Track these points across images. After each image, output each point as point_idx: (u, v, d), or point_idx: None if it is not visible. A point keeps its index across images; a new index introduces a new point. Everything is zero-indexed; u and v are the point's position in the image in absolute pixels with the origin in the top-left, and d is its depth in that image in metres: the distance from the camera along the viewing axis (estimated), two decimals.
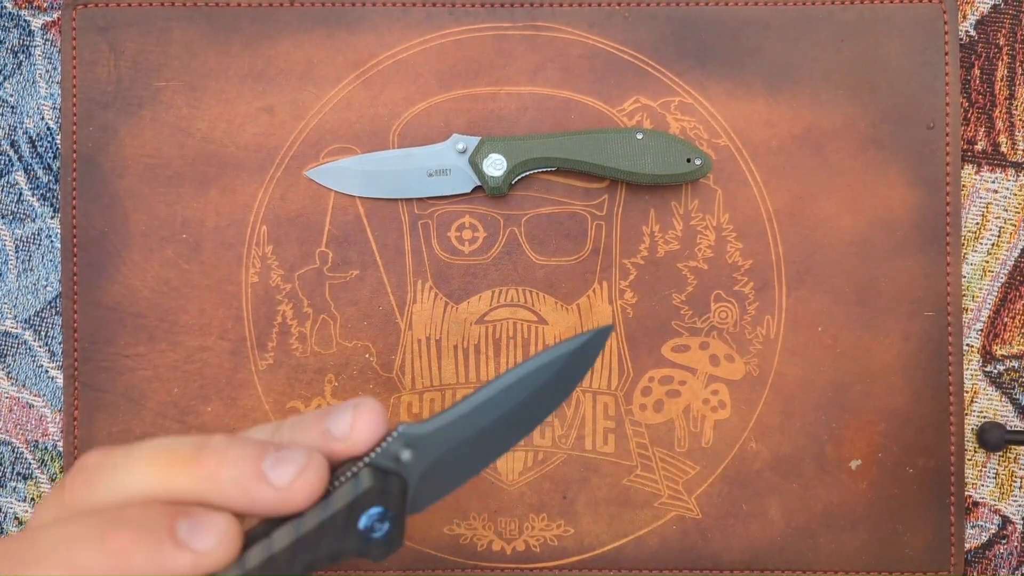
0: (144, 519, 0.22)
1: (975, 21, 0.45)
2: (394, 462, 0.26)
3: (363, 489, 0.25)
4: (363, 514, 0.26)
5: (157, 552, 0.22)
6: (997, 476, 0.45)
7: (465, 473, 0.28)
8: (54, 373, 0.45)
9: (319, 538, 0.25)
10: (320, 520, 0.25)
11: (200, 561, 0.22)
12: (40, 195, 0.45)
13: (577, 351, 0.29)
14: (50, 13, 0.45)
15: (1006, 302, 0.45)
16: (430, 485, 0.27)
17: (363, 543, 0.26)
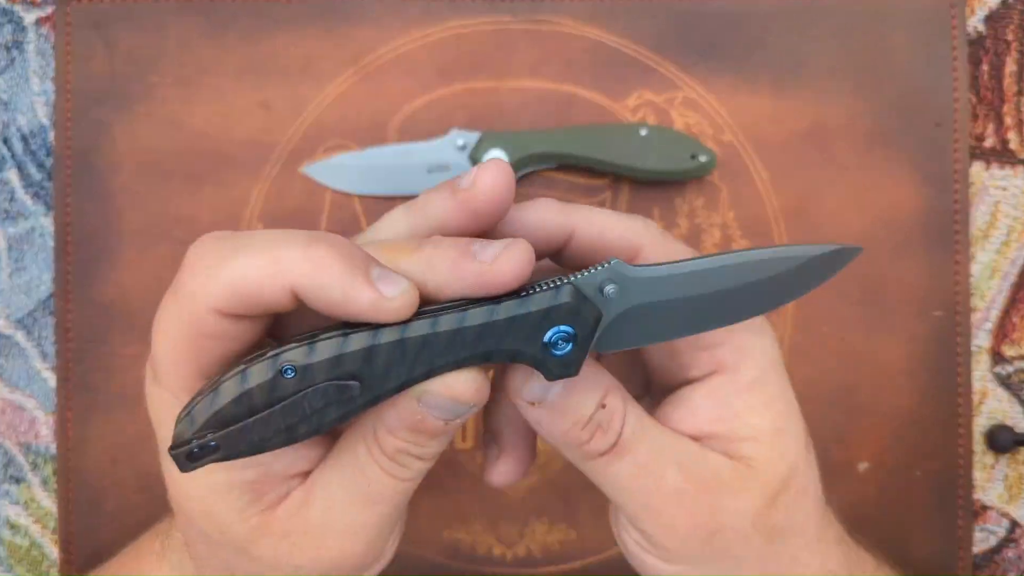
0: (350, 249, 0.25)
1: (984, 16, 0.45)
2: (597, 291, 0.26)
3: (560, 302, 0.26)
4: (553, 326, 0.26)
5: (349, 275, 0.24)
6: (1006, 479, 0.44)
7: (660, 333, 0.27)
8: (46, 374, 0.45)
9: (507, 331, 0.25)
10: (512, 314, 0.25)
11: (379, 303, 0.24)
12: (33, 193, 0.45)
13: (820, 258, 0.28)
14: (43, 8, 0.45)
15: (1015, 302, 0.44)
16: (623, 330, 0.27)
17: (544, 354, 0.26)
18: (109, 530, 0.44)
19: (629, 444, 0.28)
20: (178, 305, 0.26)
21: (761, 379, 0.29)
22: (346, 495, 0.28)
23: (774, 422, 0.29)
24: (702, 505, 0.28)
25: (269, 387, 0.25)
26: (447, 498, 0.44)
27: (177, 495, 0.29)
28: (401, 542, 0.44)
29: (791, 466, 0.29)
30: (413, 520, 0.44)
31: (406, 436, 0.27)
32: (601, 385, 0.27)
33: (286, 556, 0.29)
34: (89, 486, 0.44)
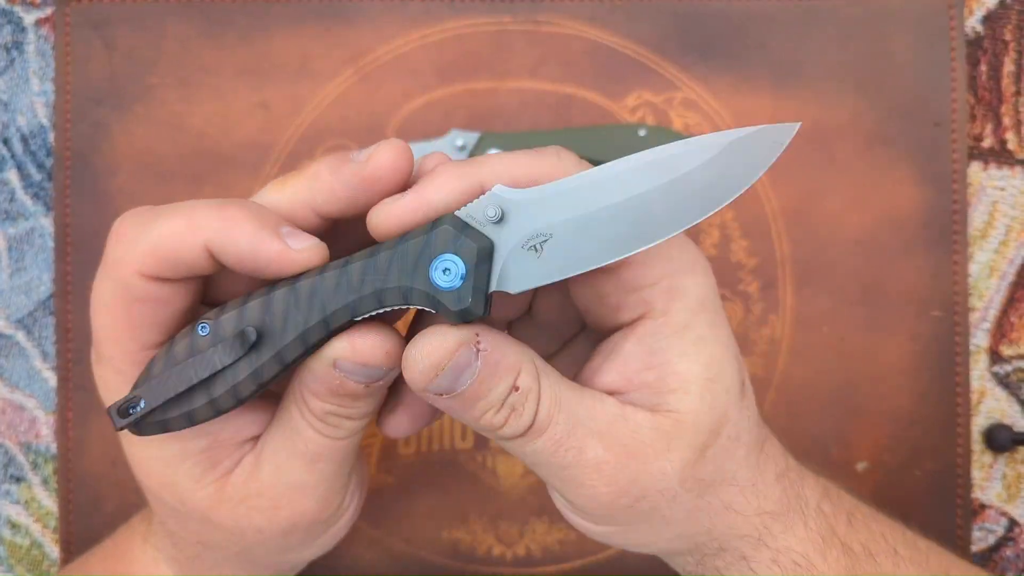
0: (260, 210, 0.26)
1: (982, 16, 0.45)
2: (480, 221, 0.25)
3: (438, 228, 0.25)
4: (435, 256, 0.25)
5: (259, 231, 0.25)
6: (1004, 478, 0.44)
7: (573, 262, 0.25)
8: (47, 374, 0.45)
9: (389, 267, 0.25)
10: (392, 248, 0.25)
11: (285, 254, 0.26)
12: (33, 193, 0.45)
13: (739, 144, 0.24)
14: (43, 9, 0.45)
15: (1014, 301, 0.44)
16: (527, 263, 0.25)
17: (433, 288, 0.25)
18: (109, 530, 0.43)
19: (544, 423, 0.27)
20: (107, 275, 0.27)
21: (691, 322, 0.28)
22: (288, 456, 0.29)
23: (705, 370, 0.28)
24: (625, 473, 0.27)
25: (189, 345, 0.26)
26: (447, 498, 0.44)
27: (139, 473, 0.30)
28: (401, 541, 0.44)
29: (721, 416, 0.28)
30: (413, 520, 0.44)
31: (330, 399, 0.28)
32: (512, 367, 0.26)
33: (246, 519, 0.29)
34: (89, 486, 0.44)
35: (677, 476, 0.28)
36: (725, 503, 0.29)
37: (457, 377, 0.26)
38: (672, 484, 0.28)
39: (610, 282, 0.27)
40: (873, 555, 0.31)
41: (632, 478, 0.27)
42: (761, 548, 0.30)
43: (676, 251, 0.28)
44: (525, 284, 0.25)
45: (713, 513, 0.29)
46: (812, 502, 0.31)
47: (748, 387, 0.30)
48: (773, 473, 0.30)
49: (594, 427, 0.27)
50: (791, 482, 0.31)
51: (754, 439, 0.30)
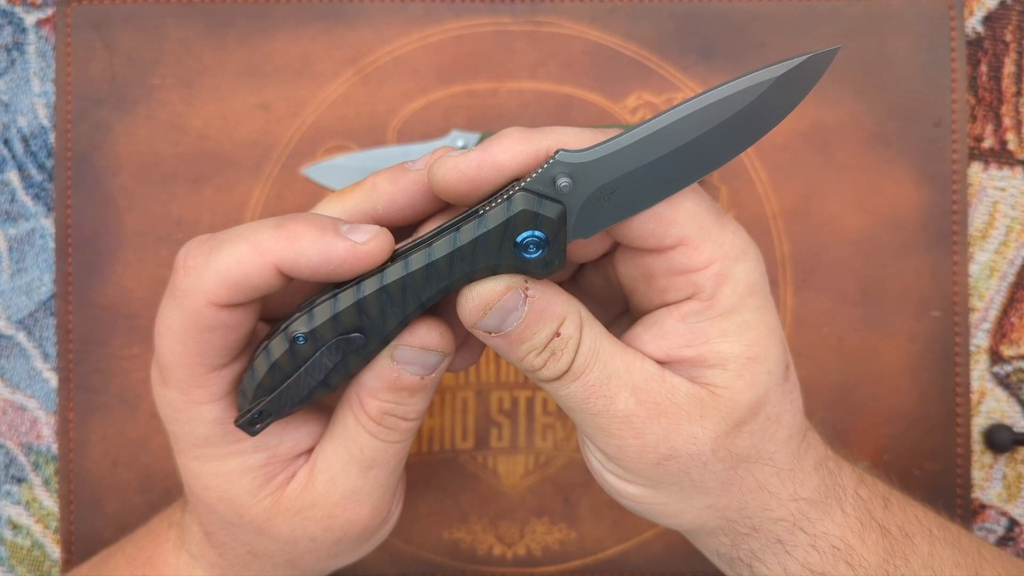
0: (316, 217, 0.27)
1: (982, 17, 0.45)
2: (551, 187, 0.26)
3: (515, 211, 0.26)
4: (518, 236, 0.26)
5: (322, 236, 0.26)
6: (1004, 478, 0.44)
7: (642, 201, 0.27)
8: (48, 375, 0.45)
9: (474, 253, 0.26)
10: (473, 237, 0.26)
11: (356, 249, 0.26)
12: (34, 194, 0.45)
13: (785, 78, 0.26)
14: (44, 10, 0.45)
15: (1014, 302, 0.44)
16: (596, 211, 0.27)
17: (520, 261, 0.26)
18: (110, 531, 0.44)
19: (580, 369, 0.28)
20: (177, 305, 0.27)
21: (738, 306, 0.28)
22: (343, 465, 0.30)
23: (747, 350, 0.28)
24: (654, 429, 0.28)
25: (290, 355, 0.28)
26: (447, 498, 0.44)
27: (195, 486, 0.31)
28: (401, 542, 0.44)
29: (760, 395, 0.28)
30: (413, 520, 0.44)
31: (387, 396, 0.29)
32: (557, 315, 0.28)
33: (300, 530, 0.30)
34: (90, 487, 0.44)
35: (709, 444, 0.28)
36: (760, 482, 0.29)
37: (504, 318, 0.27)
38: (703, 450, 0.28)
39: (660, 263, 0.28)
40: (910, 536, 0.31)
41: (661, 435, 0.28)
42: (797, 533, 0.30)
43: (728, 236, 0.28)
44: (595, 228, 0.27)
45: (747, 489, 0.29)
46: (849, 488, 0.31)
47: (793, 374, 0.30)
48: (812, 461, 0.31)
49: (629, 380, 0.28)
50: (829, 471, 0.31)
51: (797, 425, 0.30)
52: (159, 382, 0.30)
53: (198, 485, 0.30)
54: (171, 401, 0.29)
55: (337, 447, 0.30)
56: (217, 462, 0.30)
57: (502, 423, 0.44)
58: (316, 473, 0.30)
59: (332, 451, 0.30)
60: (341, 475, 0.30)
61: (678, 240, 0.27)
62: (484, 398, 0.44)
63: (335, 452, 0.30)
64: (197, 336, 0.28)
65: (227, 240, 0.27)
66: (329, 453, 0.30)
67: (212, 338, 0.28)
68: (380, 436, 0.30)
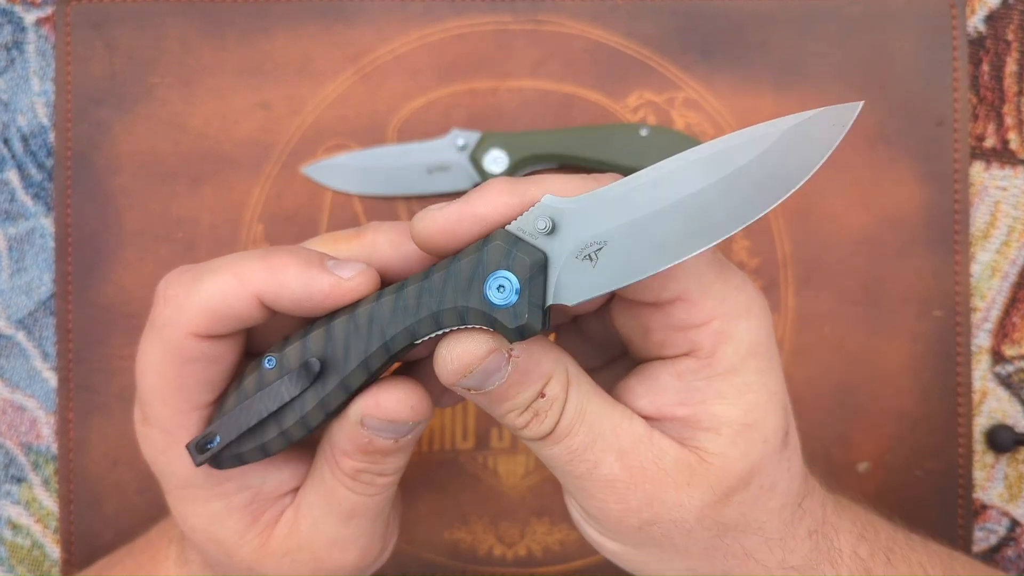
0: (302, 251, 0.27)
1: (984, 16, 0.44)
2: (531, 233, 0.25)
3: (490, 245, 0.25)
4: (488, 274, 0.25)
5: (306, 270, 0.26)
6: (1006, 478, 0.44)
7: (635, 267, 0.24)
8: (47, 374, 0.45)
9: (444, 288, 0.25)
10: (445, 268, 0.25)
11: (340, 285, 0.26)
12: (33, 193, 0.45)
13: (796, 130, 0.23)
14: (43, 8, 0.45)
15: (1016, 302, 0.44)
16: (582, 273, 0.24)
17: (488, 307, 0.25)
18: (110, 531, 0.44)
19: (563, 432, 0.27)
20: (158, 337, 0.27)
21: (739, 367, 0.26)
22: (324, 513, 0.29)
23: (744, 415, 0.27)
24: (637, 495, 0.27)
25: (257, 379, 0.27)
26: (448, 498, 0.44)
27: (184, 527, 0.30)
28: (401, 542, 0.44)
29: (754, 465, 0.27)
30: (414, 520, 0.44)
31: (360, 458, 0.28)
32: (542, 375, 0.26)
33: (290, 571, 0.30)
34: (90, 487, 0.44)
35: (695, 512, 0.27)
36: (747, 550, 0.28)
37: (486, 379, 0.26)
38: (688, 518, 0.27)
39: (657, 318, 0.27)
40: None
41: (645, 501, 0.27)
42: None
43: (731, 292, 0.27)
44: (581, 295, 0.25)
45: (732, 556, 0.28)
46: (847, 551, 0.30)
47: (793, 439, 0.29)
48: (806, 529, 0.29)
49: (615, 444, 0.27)
50: (824, 536, 0.30)
51: (793, 493, 0.29)
52: (141, 420, 0.29)
53: (186, 526, 0.30)
54: (154, 441, 0.29)
55: (317, 496, 0.29)
56: (202, 504, 0.29)
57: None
58: (300, 517, 0.30)
59: (313, 499, 0.30)
60: (323, 522, 0.30)
61: (676, 295, 0.26)
62: None
63: (315, 500, 0.30)
64: (178, 369, 0.27)
65: (209, 271, 0.27)
66: (311, 500, 0.30)
67: (193, 371, 0.27)
68: (357, 491, 0.29)
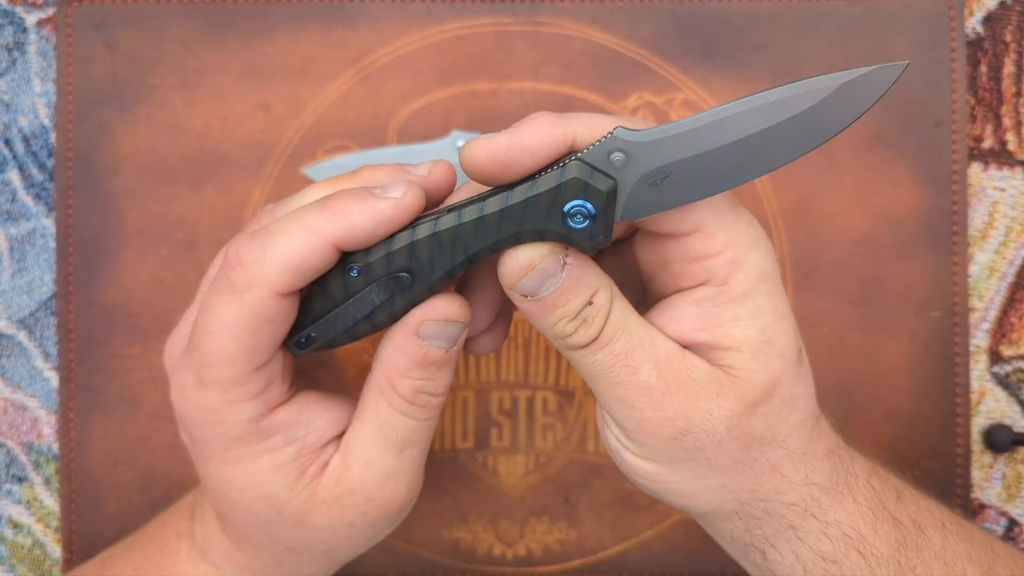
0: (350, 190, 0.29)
1: (982, 17, 0.45)
2: (605, 161, 0.27)
3: (568, 178, 0.27)
4: (567, 203, 0.27)
5: (365, 202, 0.28)
6: (1004, 478, 0.44)
7: (693, 192, 0.27)
8: (49, 374, 0.45)
9: (524, 214, 0.27)
10: (524, 197, 0.27)
11: (399, 204, 0.28)
12: (34, 194, 0.45)
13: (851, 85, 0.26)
14: (45, 10, 0.45)
15: (1013, 302, 0.44)
16: (647, 194, 0.27)
17: (566, 230, 0.27)
18: (111, 530, 0.44)
19: (608, 337, 0.29)
20: (238, 300, 0.28)
21: (750, 292, 0.29)
22: (378, 448, 0.31)
23: (760, 333, 0.29)
24: (673, 402, 0.29)
25: (342, 285, 0.29)
26: (447, 497, 0.44)
27: (229, 491, 0.31)
28: (401, 541, 0.44)
29: (774, 378, 0.29)
30: (413, 519, 0.44)
31: (417, 373, 0.30)
32: (591, 285, 0.29)
33: (340, 518, 0.31)
34: (91, 486, 0.44)
35: (724, 422, 0.29)
36: (772, 464, 0.30)
37: (543, 282, 0.28)
38: (719, 427, 0.29)
39: (676, 249, 0.29)
40: (922, 528, 0.32)
41: (679, 409, 0.29)
42: (809, 519, 0.30)
43: (743, 225, 0.29)
44: (645, 213, 0.28)
45: (759, 471, 0.30)
46: (862, 478, 0.32)
47: (805, 359, 0.31)
48: (824, 447, 0.31)
49: (652, 353, 0.29)
50: (841, 459, 0.32)
51: (810, 410, 0.31)
52: (194, 384, 0.30)
53: (232, 489, 0.31)
54: (206, 403, 0.30)
55: (370, 432, 0.31)
56: (250, 462, 0.30)
57: (502, 423, 0.44)
58: (350, 460, 0.31)
59: (366, 437, 0.31)
60: (378, 459, 0.31)
61: (694, 227, 0.28)
62: (484, 398, 0.44)
63: (369, 438, 0.31)
64: (256, 329, 0.29)
65: (280, 231, 0.28)
66: (363, 439, 0.31)
67: (269, 331, 0.29)
68: (414, 415, 0.31)
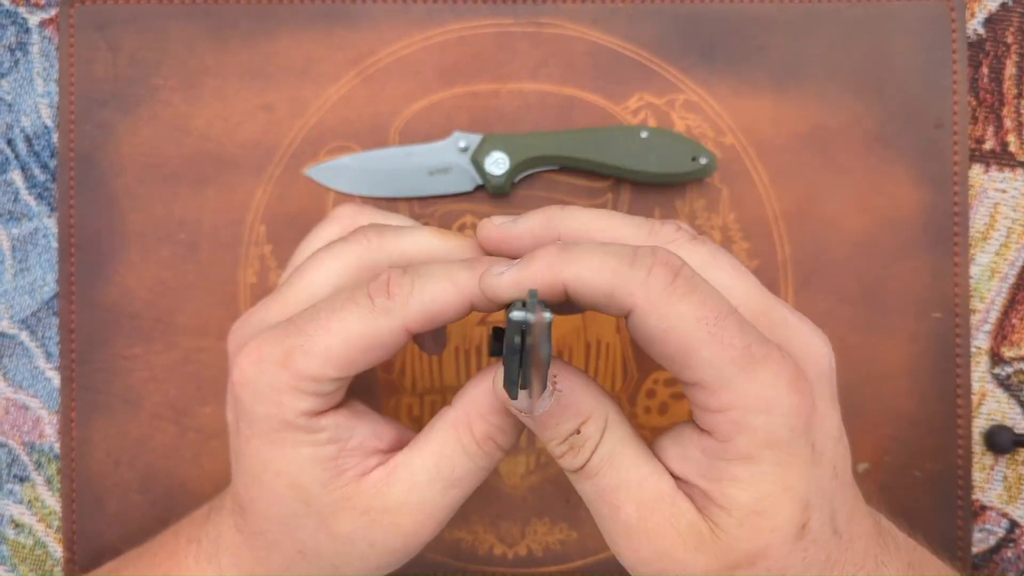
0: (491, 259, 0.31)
1: (983, 19, 0.45)
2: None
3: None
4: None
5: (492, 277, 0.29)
6: (1005, 479, 0.44)
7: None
8: (51, 374, 0.45)
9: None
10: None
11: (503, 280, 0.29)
12: (37, 194, 0.45)
13: None
14: (47, 10, 0.45)
15: (1015, 304, 0.44)
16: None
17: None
18: (112, 530, 0.44)
19: (593, 471, 0.29)
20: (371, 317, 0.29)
21: (755, 457, 0.27)
22: (429, 478, 0.31)
23: (754, 503, 0.27)
24: (650, 548, 0.29)
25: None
26: None
27: (265, 473, 0.31)
28: None
29: (760, 549, 0.27)
30: None
31: (496, 420, 0.30)
32: (581, 413, 0.29)
33: (363, 531, 0.31)
34: (93, 486, 0.44)
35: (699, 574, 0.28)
36: None
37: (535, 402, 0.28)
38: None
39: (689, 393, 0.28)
40: None
41: (655, 555, 0.29)
42: None
43: (754, 387, 0.27)
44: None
45: None
46: None
47: (811, 530, 0.29)
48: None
49: (637, 495, 0.29)
50: None
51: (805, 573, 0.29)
52: (277, 361, 0.30)
53: (268, 471, 0.31)
54: (279, 382, 0.30)
55: (428, 461, 0.31)
56: (292, 448, 0.30)
57: None
58: (395, 480, 0.31)
59: (421, 464, 0.31)
60: (425, 488, 0.31)
61: (694, 381, 0.27)
62: None
63: (424, 466, 0.31)
64: (367, 349, 0.29)
65: (429, 276, 0.29)
66: (417, 465, 0.31)
67: (375, 356, 0.29)
68: (476, 459, 0.31)
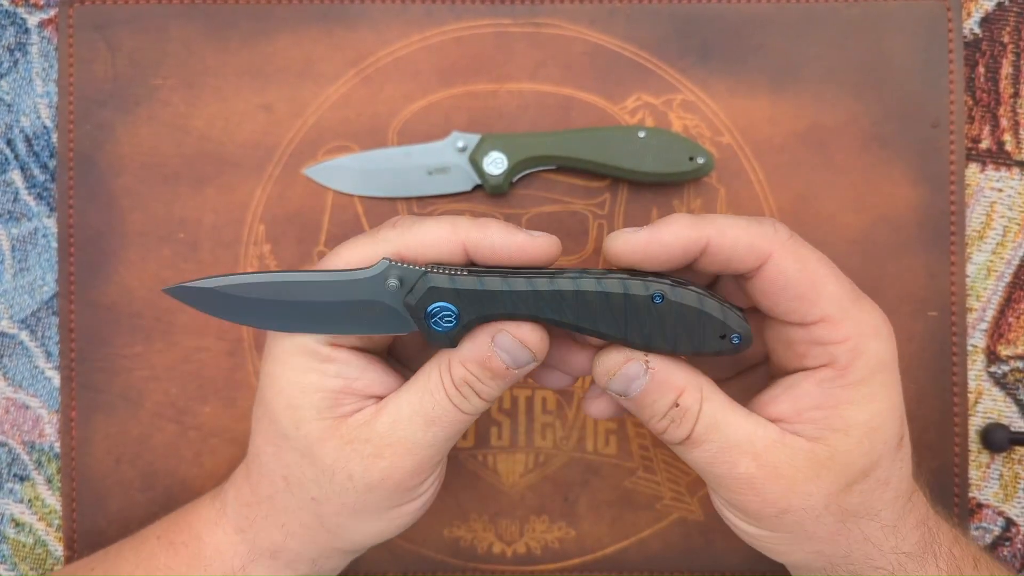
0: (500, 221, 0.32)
1: (980, 18, 0.45)
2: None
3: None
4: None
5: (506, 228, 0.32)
6: (1001, 478, 0.44)
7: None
8: (51, 373, 0.45)
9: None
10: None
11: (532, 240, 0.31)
12: (36, 194, 0.45)
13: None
14: (47, 10, 0.45)
15: (1011, 302, 0.45)
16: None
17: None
18: (113, 528, 0.44)
19: (699, 439, 0.31)
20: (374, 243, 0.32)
21: (868, 379, 0.31)
22: (411, 412, 0.33)
23: (870, 419, 0.31)
24: (773, 489, 0.31)
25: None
26: (448, 496, 0.44)
27: (270, 390, 0.34)
28: (401, 539, 0.44)
29: (874, 461, 0.32)
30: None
31: (473, 369, 0.32)
32: (676, 386, 0.31)
33: (343, 462, 0.33)
34: (93, 485, 0.44)
35: (823, 499, 0.31)
36: (866, 534, 0.33)
37: (628, 384, 0.32)
38: (817, 505, 0.31)
39: (801, 334, 0.32)
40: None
41: (780, 494, 0.31)
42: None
43: (864, 316, 0.32)
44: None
45: (853, 540, 0.33)
46: (945, 546, 0.34)
47: (906, 443, 0.34)
48: (915, 519, 0.34)
49: (750, 448, 0.31)
50: (928, 529, 0.34)
51: (904, 488, 0.33)
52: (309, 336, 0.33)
53: (273, 389, 0.33)
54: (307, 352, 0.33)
55: (412, 396, 0.33)
56: (300, 372, 0.33)
57: (502, 422, 0.44)
58: (382, 415, 0.33)
59: (405, 399, 0.33)
60: (405, 421, 0.33)
61: (820, 317, 0.31)
62: None
63: (407, 400, 0.33)
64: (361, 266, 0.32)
65: (431, 219, 0.32)
66: (402, 399, 0.33)
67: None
68: (453, 400, 0.32)
